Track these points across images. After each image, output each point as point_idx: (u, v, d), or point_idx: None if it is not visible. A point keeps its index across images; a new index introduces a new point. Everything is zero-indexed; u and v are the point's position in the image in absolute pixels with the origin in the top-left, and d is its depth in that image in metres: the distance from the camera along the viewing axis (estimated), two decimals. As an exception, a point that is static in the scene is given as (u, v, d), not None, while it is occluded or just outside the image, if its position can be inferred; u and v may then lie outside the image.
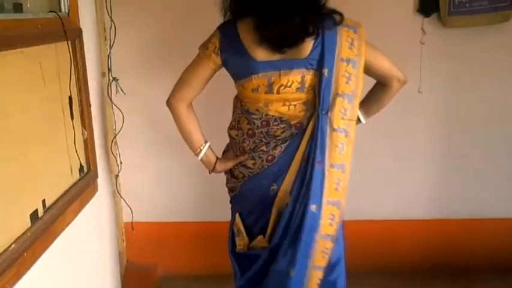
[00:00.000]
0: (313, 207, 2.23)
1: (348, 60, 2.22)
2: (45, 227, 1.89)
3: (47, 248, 1.93)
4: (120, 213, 3.60)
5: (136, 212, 3.46)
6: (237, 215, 2.54)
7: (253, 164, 2.37)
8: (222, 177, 2.98)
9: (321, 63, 2.18)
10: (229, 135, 2.50)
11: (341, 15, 2.22)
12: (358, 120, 2.45)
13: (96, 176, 2.50)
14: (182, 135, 2.46)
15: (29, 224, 1.80)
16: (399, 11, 3.49)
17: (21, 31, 1.81)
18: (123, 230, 3.68)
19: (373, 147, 3.71)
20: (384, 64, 2.36)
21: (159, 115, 3.62)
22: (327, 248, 2.30)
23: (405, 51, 3.49)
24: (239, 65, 2.23)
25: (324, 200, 2.24)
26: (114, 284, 2.99)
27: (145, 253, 3.83)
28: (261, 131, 2.31)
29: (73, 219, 2.19)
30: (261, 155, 2.34)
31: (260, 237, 2.44)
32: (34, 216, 1.84)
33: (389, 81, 2.40)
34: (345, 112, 2.24)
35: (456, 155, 3.73)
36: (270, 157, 2.33)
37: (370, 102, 2.52)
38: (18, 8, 1.93)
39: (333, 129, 2.23)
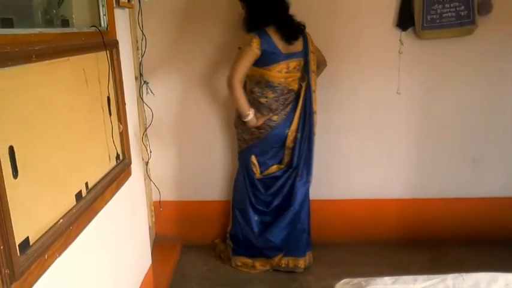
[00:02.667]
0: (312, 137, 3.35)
1: (313, 52, 3.26)
2: (87, 205, 1.90)
3: (89, 222, 1.94)
4: (150, 193, 3.62)
5: (163, 193, 3.48)
6: (253, 156, 3.36)
7: (277, 118, 3.26)
8: (234, 164, 3.02)
9: (305, 53, 3.21)
10: (260, 102, 3.22)
11: (304, 25, 3.18)
12: None
13: (129, 162, 2.50)
14: (238, 104, 3.11)
15: (74, 203, 1.81)
16: (381, 26, 3.54)
17: (68, 42, 1.81)
18: (152, 208, 3.70)
19: (359, 140, 3.74)
20: (320, 55, 3.37)
21: (183, 112, 3.66)
22: None
23: (386, 59, 3.56)
24: (270, 56, 3.07)
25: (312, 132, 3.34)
26: (145, 253, 3.00)
27: (171, 227, 3.86)
28: (280, 98, 3.21)
29: (111, 198, 2.20)
30: (280, 112, 3.26)
31: (275, 166, 3.41)
32: (78, 196, 1.85)
33: (321, 64, 3.40)
34: (315, 81, 3.31)
35: (428, 145, 3.78)
36: (284, 113, 3.27)
37: None
38: (65, 23, 1.93)
39: (312, 91, 3.27)
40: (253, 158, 3.38)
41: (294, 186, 3.35)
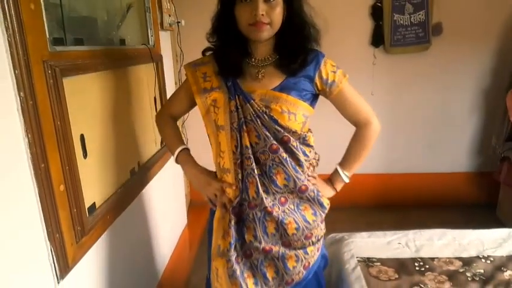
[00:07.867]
0: None
1: None
2: (139, 178, 1.89)
3: (140, 191, 1.94)
4: (186, 170, 3.62)
5: (196, 169, 3.48)
6: None
7: None
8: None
9: None
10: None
11: None
12: None
13: (171, 147, 2.49)
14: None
15: (129, 177, 1.80)
16: (358, 43, 3.51)
17: (124, 56, 1.80)
18: (188, 180, 3.70)
19: (343, 128, 3.71)
20: None
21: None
22: None
23: (362, 69, 3.53)
24: None
25: None
26: (182, 215, 3.00)
27: (202, 195, 3.86)
28: None
29: (157, 173, 2.19)
30: None
31: None
32: (132, 171, 1.84)
33: None
34: None
35: (395, 133, 3.75)
36: None
37: None
38: (122, 42, 1.92)
39: None
40: None
41: None
